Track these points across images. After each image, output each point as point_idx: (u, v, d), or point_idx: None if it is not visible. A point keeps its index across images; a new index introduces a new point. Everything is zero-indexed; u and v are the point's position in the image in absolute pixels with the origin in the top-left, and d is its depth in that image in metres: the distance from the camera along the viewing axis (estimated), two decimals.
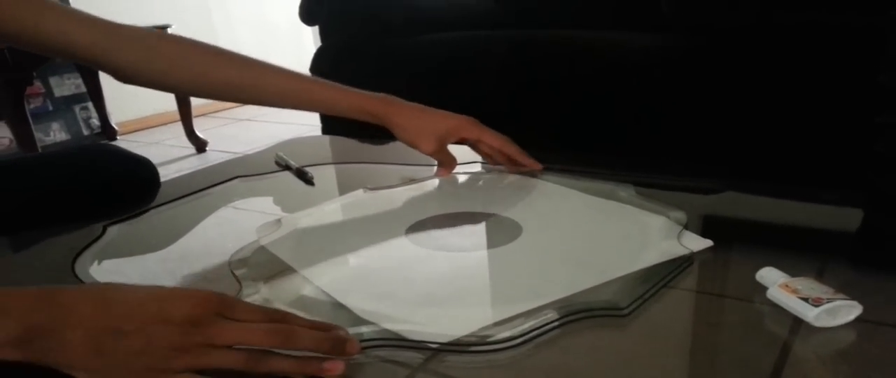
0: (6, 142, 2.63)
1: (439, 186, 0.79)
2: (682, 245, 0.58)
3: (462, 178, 0.81)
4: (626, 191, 0.73)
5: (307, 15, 1.36)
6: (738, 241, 0.61)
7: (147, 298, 0.42)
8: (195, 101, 2.85)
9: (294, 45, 3.72)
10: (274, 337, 0.42)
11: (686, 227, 0.62)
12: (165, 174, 0.85)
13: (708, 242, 0.59)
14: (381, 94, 0.80)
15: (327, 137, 1.05)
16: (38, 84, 2.82)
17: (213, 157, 2.75)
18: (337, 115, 0.80)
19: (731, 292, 0.52)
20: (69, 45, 0.69)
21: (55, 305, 0.41)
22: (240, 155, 0.99)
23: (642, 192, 0.72)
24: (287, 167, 0.89)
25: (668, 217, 0.64)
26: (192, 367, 0.41)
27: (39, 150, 2.29)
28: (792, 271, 0.50)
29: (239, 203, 0.80)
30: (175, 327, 0.41)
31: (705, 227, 0.63)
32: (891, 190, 0.71)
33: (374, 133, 0.84)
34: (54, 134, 2.89)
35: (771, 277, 0.50)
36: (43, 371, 0.41)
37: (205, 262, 0.62)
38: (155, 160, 0.85)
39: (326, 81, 0.80)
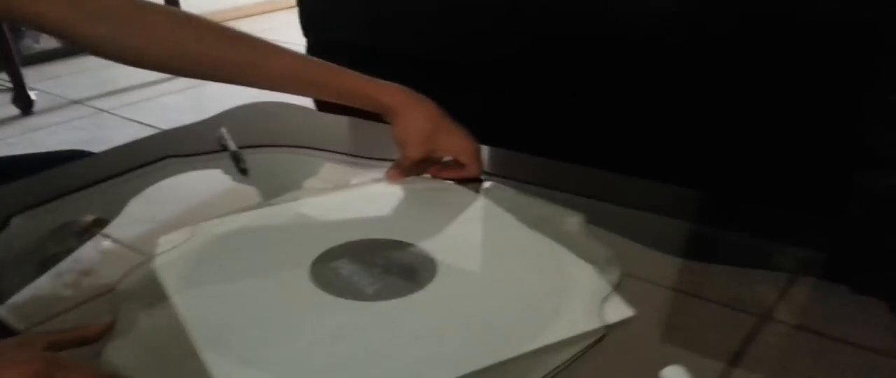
0: None
1: (370, 198, 0.76)
2: (599, 317, 0.54)
3: (396, 190, 0.77)
4: (574, 220, 0.69)
5: None
6: (670, 312, 0.58)
7: None
8: None
9: None
10: None
11: (619, 283, 0.58)
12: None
13: (628, 312, 0.55)
14: (396, 86, 0.75)
15: (286, 105, 1.01)
16: None
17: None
18: (341, 103, 0.75)
19: None
20: (38, 15, 0.65)
21: None
22: (182, 125, 0.96)
23: (601, 219, 0.68)
24: (225, 148, 0.87)
25: (602, 271, 0.60)
26: None
27: None
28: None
29: (162, 192, 0.78)
30: None
31: (642, 281, 0.59)
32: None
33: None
34: None
35: None
36: None
37: (104, 271, 0.61)
38: None
39: (328, 64, 0.75)
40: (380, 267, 0.61)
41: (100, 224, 0.70)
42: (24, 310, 0.58)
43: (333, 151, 0.88)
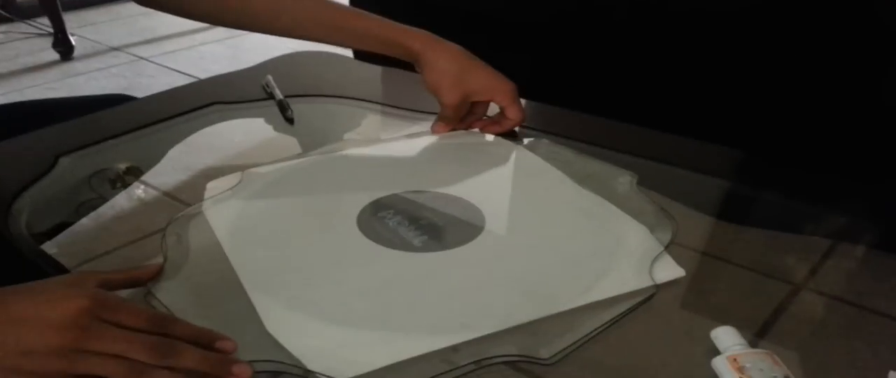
0: None
1: (417, 150, 0.75)
2: (649, 276, 0.54)
3: (442, 142, 0.77)
4: (625, 180, 0.68)
5: None
6: (720, 273, 0.57)
7: (24, 295, 0.42)
8: None
9: None
10: (153, 351, 0.42)
11: (672, 241, 0.58)
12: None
13: (680, 272, 0.55)
14: (422, 31, 0.75)
15: (329, 54, 1.00)
16: None
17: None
18: (368, 50, 0.77)
19: (679, 349, 0.49)
20: None
21: None
22: (224, 73, 0.96)
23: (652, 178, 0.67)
24: (271, 96, 0.87)
25: (653, 231, 0.60)
26: (66, 372, 0.41)
27: None
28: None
29: (208, 139, 0.79)
30: (50, 330, 0.41)
31: (692, 242, 0.59)
32: None
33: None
34: None
35: (725, 341, 0.47)
36: None
37: (149, 215, 0.62)
38: None
39: (359, 11, 0.76)
40: (426, 219, 0.61)
41: (134, 172, 0.70)
42: (71, 249, 0.59)
43: (378, 102, 0.88)
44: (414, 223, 0.60)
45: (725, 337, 0.47)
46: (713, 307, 0.53)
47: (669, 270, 0.55)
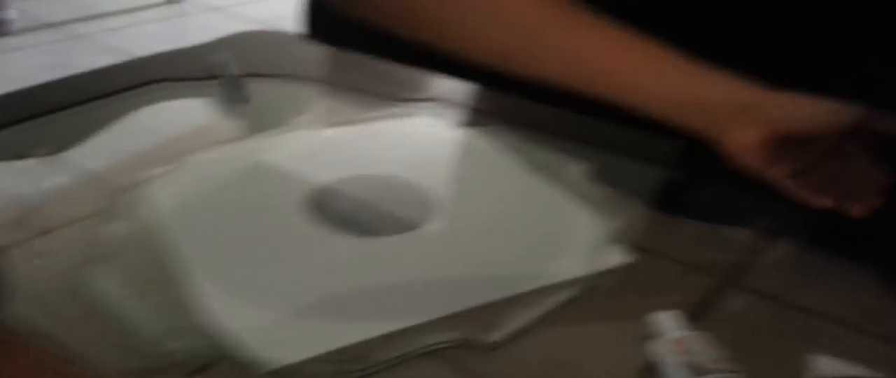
0: None
1: (371, 134, 0.76)
2: (595, 262, 0.56)
3: (397, 127, 0.78)
4: (575, 168, 0.70)
5: None
6: (659, 263, 0.59)
7: None
8: None
9: None
10: None
11: (620, 230, 0.60)
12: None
13: (625, 259, 0.57)
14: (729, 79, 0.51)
15: (284, 34, 1.00)
16: None
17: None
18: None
19: (619, 336, 0.51)
20: None
21: None
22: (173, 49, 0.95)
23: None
24: (220, 75, 0.86)
25: (601, 219, 0.62)
26: None
27: None
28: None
29: (149, 119, 0.78)
30: None
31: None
32: None
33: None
34: None
35: (667, 325, 0.49)
36: None
37: (78, 198, 0.61)
38: None
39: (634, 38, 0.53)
40: (377, 203, 0.62)
41: (62, 155, 0.69)
42: None
43: (333, 84, 0.88)
44: (364, 207, 0.61)
45: (668, 321, 0.49)
46: (653, 294, 0.55)
47: (616, 257, 0.57)
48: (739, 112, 0.50)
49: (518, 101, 0.86)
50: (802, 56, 0.73)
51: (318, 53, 0.98)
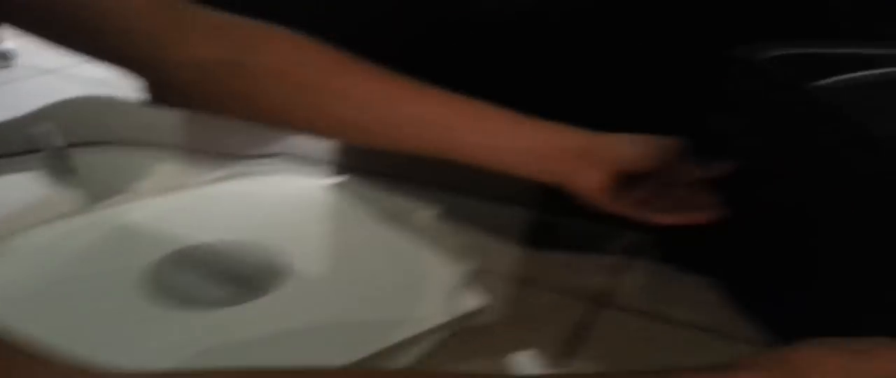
0: None
1: (211, 198, 0.73)
2: (450, 309, 0.56)
3: (239, 188, 0.75)
4: (425, 214, 0.70)
5: None
6: (525, 297, 0.60)
7: None
8: None
9: None
10: None
11: (475, 271, 0.61)
12: None
13: (480, 302, 0.58)
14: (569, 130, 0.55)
15: (112, 99, 0.95)
16: None
17: None
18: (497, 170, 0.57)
19: (504, 368, 0.51)
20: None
21: None
22: None
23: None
24: (42, 148, 0.81)
25: (453, 263, 0.62)
26: None
27: None
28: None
29: None
30: None
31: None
32: None
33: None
34: None
35: (524, 367, 0.50)
36: None
37: None
38: None
39: (473, 102, 0.55)
40: (222, 272, 0.60)
41: None
42: None
43: (172, 146, 0.85)
44: (207, 278, 0.59)
45: (526, 363, 0.50)
46: (519, 330, 0.56)
47: (470, 301, 0.58)
48: (580, 156, 0.54)
49: (369, 149, 0.86)
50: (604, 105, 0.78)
51: (155, 116, 0.94)
